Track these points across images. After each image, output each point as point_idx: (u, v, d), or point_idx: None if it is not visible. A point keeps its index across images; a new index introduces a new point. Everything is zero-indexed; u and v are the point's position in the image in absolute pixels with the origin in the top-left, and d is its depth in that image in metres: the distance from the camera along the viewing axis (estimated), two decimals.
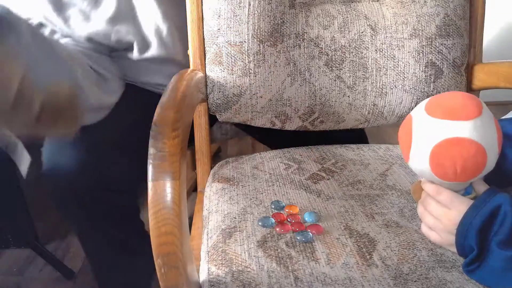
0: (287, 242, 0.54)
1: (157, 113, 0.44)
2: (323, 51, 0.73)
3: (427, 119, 0.48)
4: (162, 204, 0.39)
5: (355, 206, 0.61)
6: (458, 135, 0.46)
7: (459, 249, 0.49)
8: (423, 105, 0.50)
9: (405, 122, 0.52)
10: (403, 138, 0.51)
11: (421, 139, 0.48)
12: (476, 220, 0.46)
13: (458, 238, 0.48)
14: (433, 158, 0.47)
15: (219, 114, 0.74)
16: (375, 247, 0.53)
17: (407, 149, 0.50)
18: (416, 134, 0.49)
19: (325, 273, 0.49)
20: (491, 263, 0.46)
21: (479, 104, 0.48)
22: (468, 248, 0.47)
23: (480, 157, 0.46)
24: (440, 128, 0.46)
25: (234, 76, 0.71)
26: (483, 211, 0.46)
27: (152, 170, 0.40)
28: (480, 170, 0.47)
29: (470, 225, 0.46)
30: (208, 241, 0.56)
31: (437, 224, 0.51)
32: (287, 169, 0.71)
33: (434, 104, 0.49)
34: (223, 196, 0.64)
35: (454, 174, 0.46)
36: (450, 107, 0.48)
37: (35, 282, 1.13)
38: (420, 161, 0.49)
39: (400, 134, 0.53)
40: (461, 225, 0.47)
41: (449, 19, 0.73)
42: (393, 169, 0.71)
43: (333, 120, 0.77)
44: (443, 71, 0.74)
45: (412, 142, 0.49)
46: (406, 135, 0.50)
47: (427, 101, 0.50)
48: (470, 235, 0.46)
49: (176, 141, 0.41)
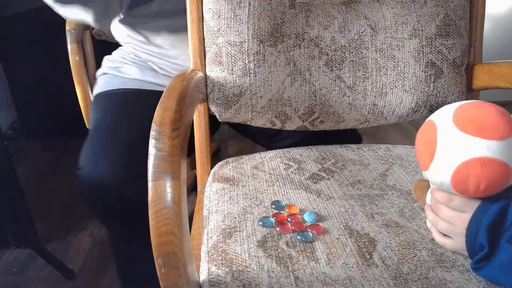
0: (287, 242, 0.54)
1: (157, 113, 0.45)
2: (323, 51, 0.73)
3: (457, 134, 0.46)
4: (162, 204, 0.39)
5: (355, 206, 0.61)
6: (488, 155, 0.44)
7: (470, 250, 0.48)
8: (451, 116, 0.47)
9: (427, 130, 0.50)
10: (424, 147, 0.49)
11: (448, 153, 0.46)
12: (486, 219, 0.46)
13: (468, 238, 0.47)
14: (458, 174, 0.46)
15: (219, 114, 0.74)
16: (375, 247, 0.53)
17: (428, 159, 0.48)
18: (441, 146, 0.47)
19: (325, 273, 0.49)
20: (501, 258, 0.45)
21: (511, 122, 0.46)
22: (479, 247, 0.47)
23: (506, 177, 0.45)
24: (470, 146, 0.45)
25: (234, 76, 0.71)
26: (492, 209, 0.46)
27: (152, 170, 0.40)
28: (502, 189, 0.47)
29: (480, 224, 0.46)
30: (208, 241, 0.56)
31: (451, 228, 0.50)
32: (287, 169, 0.71)
33: (465, 118, 0.47)
34: (223, 196, 0.64)
35: (475, 191, 0.46)
36: (483, 123, 0.46)
37: (35, 282, 1.13)
38: (441, 174, 0.47)
39: (420, 141, 0.50)
40: (471, 224, 0.47)
41: (449, 19, 0.73)
42: (393, 169, 0.71)
43: (333, 120, 0.77)
44: (443, 71, 0.74)
45: (435, 153, 0.47)
46: (428, 145, 0.48)
47: (455, 112, 0.48)
48: (480, 233, 0.46)
49: (176, 141, 0.41)
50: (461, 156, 0.45)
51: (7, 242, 1.20)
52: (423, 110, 0.76)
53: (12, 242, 1.20)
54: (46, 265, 1.16)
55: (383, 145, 0.80)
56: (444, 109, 0.50)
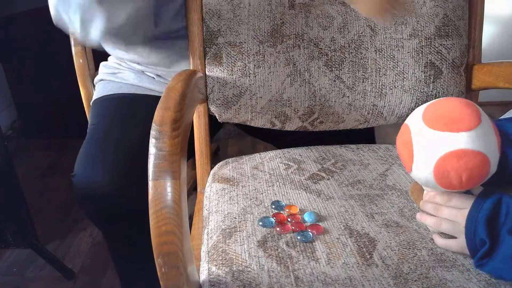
0: (287, 242, 0.54)
1: (157, 112, 0.45)
2: (323, 52, 0.73)
3: (427, 132, 0.47)
4: (162, 204, 0.39)
5: (355, 206, 0.61)
6: (461, 147, 0.45)
7: (471, 247, 0.48)
8: (420, 115, 0.49)
9: (402, 133, 0.51)
10: (403, 150, 0.51)
11: (423, 152, 0.48)
12: (482, 214, 0.46)
13: (468, 236, 0.48)
14: (438, 170, 0.46)
15: (219, 114, 0.74)
16: (375, 246, 0.53)
17: (409, 161, 0.50)
18: (417, 146, 0.48)
19: (325, 273, 0.49)
20: (503, 251, 0.45)
21: (477, 112, 0.47)
22: (480, 243, 0.47)
23: (484, 165, 0.46)
24: (442, 141, 0.46)
25: (234, 77, 0.71)
26: (486, 205, 0.46)
27: (153, 169, 0.40)
28: (484, 177, 0.47)
29: (477, 220, 0.46)
30: (209, 241, 0.56)
31: (455, 227, 0.50)
32: (287, 169, 0.71)
33: (432, 115, 0.48)
34: (223, 196, 0.64)
35: (459, 184, 0.46)
36: (450, 118, 0.47)
37: (35, 282, 1.13)
38: (423, 173, 0.48)
39: (399, 145, 0.52)
40: (468, 222, 0.47)
41: (448, 20, 0.73)
42: (393, 169, 0.71)
43: (333, 120, 0.77)
44: (443, 71, 0.74)
45: (413, 154, 0.49)
46: (406, 147, 0.50)
47: (423, 111, 0.49)
48: (479, 229, 0.46)
49: (176, 141, 0.41)
50: (436, 153, 0.46)
51: (7, 242, 1.20)
52: None
53: (12, 242, 1.19)
54: (46, 265, 1.15)
55: (383, 145, 0.80)
56: (416, 110, 0.51)
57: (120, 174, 0.70)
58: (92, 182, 0.70)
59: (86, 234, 1.32)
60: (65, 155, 1.76)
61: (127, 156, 0.71)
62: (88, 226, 1.34)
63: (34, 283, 1.13)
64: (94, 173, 0.71)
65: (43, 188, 1.55)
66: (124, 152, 0.72)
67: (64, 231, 1.33)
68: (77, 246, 1.26)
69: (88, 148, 0.76)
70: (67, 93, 1.63)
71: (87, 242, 1.28)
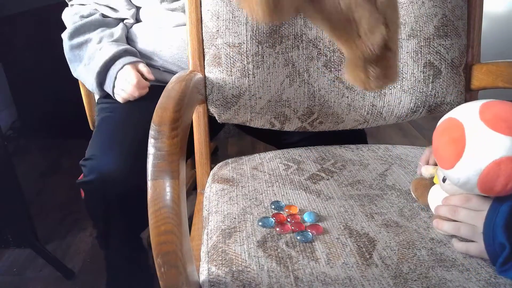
0: (287, 242, 0.54)
1: (156, 113, 0.45)
2: (322, 52, 0.73)
3: (487, 132, 0.46)
4: (161, 203, 0.39)
5: (355, 206, 0.61)
6: None
7: (490, 252, 0.48)
8: (477, 114, 0.47)
9: (451, 128, 0.49)
10: (450, 146, 0.48)
11: (478, 151, 0.46)
12: (500, 217, 0.46)
13: (486, 241, 0.47)
14: (488, 173, 0.45)
15: (218, 115, 0.74)
16: (375, 246, 0.53)
17: (454, 158, 0.47)
18: (471, 145, 0.46)
19: (325, 273, 0.49)
20: None
21: None
22: (499, 247, 0.46)
23: None
24: (502, 144, 0.45)
25: (233, 77, 0.71)
26: (503, 208, 0.46)
27: (152, 169, 0.40)
28: None
29: (495, 224, 0.46)
30: (208, 242, 0.56)
31: (475, 230, 0.49)
32: (286, 170, 0.71)
33: (493, 116, 0.46)
34: (223, 197, 0.64)
35: (501, 190, 0.45)
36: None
37: (35, 282, 1.13)
38: (469, 173, 0.47)
39: (443, 140, 0.49)
40: (486, 227, 0.47)
41: (447, 20, 0.73)
42: (392, 169, 0.71)
43: (332, 120, 0.77)
44: (442, 71, 0.74)
45: (464, 152, 0.47)
46: (456, 144, 0.47)
47: (481, 110, 0.47)
48: (498, 233, 0.46)
49: (175, 141, 0.41)
50: (492, 155, 0.45)
51: (7, 242, 1.20)
52: (421, 110, 0.76)
53: (12, 242, 1.20)
54: (46, 265, 1.16)
55: (382, 145, 0.80)
56: (466, 107, 0.49)
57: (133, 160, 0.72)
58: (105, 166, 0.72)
59: (86, 234, 1.32)
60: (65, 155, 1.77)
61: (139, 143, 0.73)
62: (88, 226, 1.34)
63: (34, 283, 1.13)
64: (108, 158, 0.73)
65: (43, 188, 1.56)
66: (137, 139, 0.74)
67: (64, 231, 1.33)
68: (77, 246, 1.26)
69: (102, 135, 0.79)
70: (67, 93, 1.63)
71: (87, 242, 1.28)
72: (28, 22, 1.64)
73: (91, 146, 0.78)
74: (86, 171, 0.75)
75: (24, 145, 1.83)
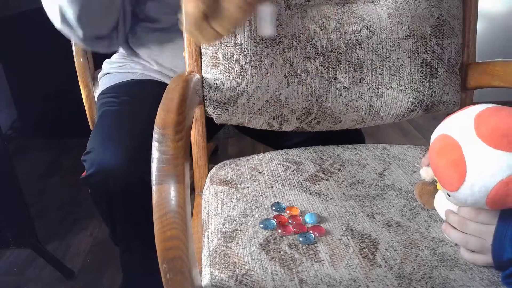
0: (289, 244, 0.53)
1: (159, 115, 0.44)
2: (319, 52, 0.73)
3: (488, 151, 0.43)
4: (167, 208, 0.38)
5: (355, 206, 0.61)
6: None
7: (498, 266, 0.47)
8: (472, 130, 0.45)
9: (448, 149, 0.46)
10: (450, 168, 0.46)
11: (482, 173, 0.44)
12: (509, 233, 0.45)
13: (495, 254, 0.46)
14: (496, 194, 0.43)
15: (216, 116, 0.73)
16: (378, 247, 0.53)
17: (457, 180, 0.45)
18: (473, 166, 0.44)
19: (329, 275, 0.49)
20: None
21: None
22: (508, 263, 0.45)
23: None
24: (507, 162, 0.42)
25: (231, 78, 0.70)
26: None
27: (156, 173, 0.39)
28: None
29: (505, 238, 0.45)
30: (210, 245, 0.56)
31: (484, 245, 0.48)
32: (285, 170, 0.70)
33: (490, 131, 0.44)
34: (222, 199, 0.64)
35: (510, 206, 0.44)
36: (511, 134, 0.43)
37: (35, 282, 1.13)
38: (475, 195, 0.45)
39: (443, 163, 0.47)
40: (496, 240, 0.46)
41: (443, 19, 0.74)
42: (391, 168, 0.71)
43: (330, 120, 0.77)
44: (438, 70, 0.74)
45: (466, 174, 0.44)
46: (456, 166, 0.45)
47: (475, 125, 0.45)
48: (508, 248, 0.45)
49: (180, 144, 0.40)
50: (498, 175, 0.43)
51: (7, 242, 1.19)
52: (419, 109, 0.76)
53: (12, 242, 1.19)
54: (46, 265, 1.15)
55: (380, 145, 0.80)
56: (459, 122, 0.47)
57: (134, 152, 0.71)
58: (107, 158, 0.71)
59: (86, 234, 1.31)
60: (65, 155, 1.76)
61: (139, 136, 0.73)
62: (88, 226, 1.34)
63: (34, 283, 1.12)
64: (109, 151, 0.72)
65: (43, 188, 1.55)
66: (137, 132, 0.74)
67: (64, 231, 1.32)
68: (77, 246, 1.26)
69: (102, 128, 0.78)
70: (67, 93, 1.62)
71: (87, 242, 1.28)
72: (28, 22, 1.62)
73: (90, 140, 0.77)
74: (87, 165, 0.74)
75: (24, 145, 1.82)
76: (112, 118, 0.80)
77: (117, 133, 0.75)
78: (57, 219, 1.38)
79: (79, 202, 1.46)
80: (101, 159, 0.72)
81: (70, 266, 1.15)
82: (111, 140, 0.74)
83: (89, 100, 1.02)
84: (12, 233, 1.16)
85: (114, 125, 0.78)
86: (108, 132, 0.76)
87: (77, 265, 1.18)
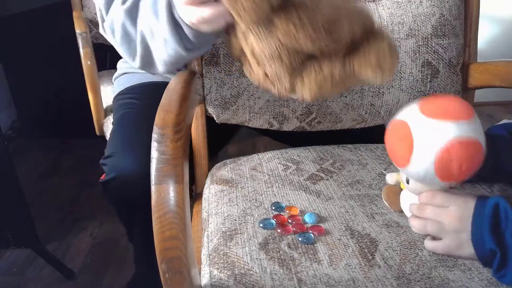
0: (288, 243, 0.53)
1: (158, 115, 0.44)
2: None
3: (429, 122, 0.48)
4: (166, 208, 0.38)
5: (355, 206, 0.61)
6: (463, 135, 0.46)
7: (483, 260, 0.48)
8: (417, 109, 0.50)
9: (397, 129, 0.51)
10: (400, 145, 0.51)
11: (426, 142, 0.48)
12: (485, 223, 0.46)
13: (477, 248, 0.48)
14: (440, 159, 0.47)
15: (217, 115, 0.73)
16: (377, 247, 0.53)
17: (407, 154, 0.49)
18: (418, 138, 0.48)
19: (328, 275, 0.49)
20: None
21: (468, 103, 0.49)
22: (490, 254, 0.47)
23: (481, 154, 0.47)
24: (445, 130, 0.47)
25: (232, 77, 0.70)
26: (486, 213, 0.46)
27: (155, 173, 0.39)
28: (478, 166, 0.48)
29: (483, 230, 0.46)
30: (209, 244, 0.56)
31: (442, 227, 0.50)
32: (285, 170, 0.70)
33: (431, 106, 0.49)
34: (222, 198, 0.64)
35: (458, 174, 0.47)
36: (450, 108, 0.48)
37: (35, 282, 1.13)
38: (424, 164, 0.48)
39: (393, 141, 0.52)
40: (474, 234, 0.47)
41: (444, 19, 0.73)
42: (391, 168, 0.71)
43: (331, 120, 0.77)
44: (439, 70, 0.74)
45: (413, 146, 0.48)
46: (404, 141, 0.50)
47: (421, 105, 0.50)
48: (486, 239, 0.46)
49: (179, 144, 0.41)
50: (440, 141, 0.47)
51: (7, 242, 1.19)
52: None
53: (12, 242, 1.19)
54: (46, 265, 1.15)
55: (380, 145, 0.80)
56: (407, 107, 0.52)
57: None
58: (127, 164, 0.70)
59: (86, 234, 1.31)
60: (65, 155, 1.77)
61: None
62: (88, 226, 1.34)
63: (34, 283, 1.12)
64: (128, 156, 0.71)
65: (43, 188, 1.55)
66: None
67: (64, 231, 1.32)
68: (77, 246, 1.26)
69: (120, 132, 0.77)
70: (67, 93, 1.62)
71: (87, 242, 1.28)
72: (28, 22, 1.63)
73: (111, 143, 0.76)
74: (107, 170, 0.73)
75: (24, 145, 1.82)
76: (133, 121, 0.79)
77: (138, 138, 0.73)
78: (57, 219, 1.38)
79: (79, 202, 1.46)
80: (122, 166, 0.71)
81: (70, 266, 1.15)
82: (131, 145, 0.73)
83: (96, 104, 1.01)
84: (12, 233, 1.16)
85: (135, 128, 0.76)
86: (128, 136, 0.75)
87: (77, 265, 1.18)
